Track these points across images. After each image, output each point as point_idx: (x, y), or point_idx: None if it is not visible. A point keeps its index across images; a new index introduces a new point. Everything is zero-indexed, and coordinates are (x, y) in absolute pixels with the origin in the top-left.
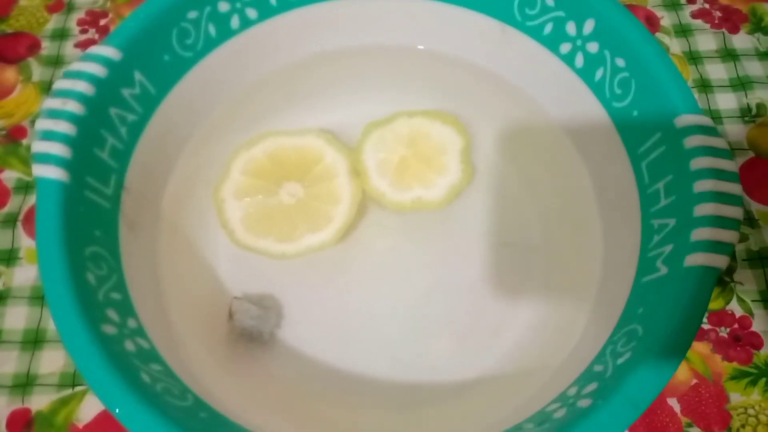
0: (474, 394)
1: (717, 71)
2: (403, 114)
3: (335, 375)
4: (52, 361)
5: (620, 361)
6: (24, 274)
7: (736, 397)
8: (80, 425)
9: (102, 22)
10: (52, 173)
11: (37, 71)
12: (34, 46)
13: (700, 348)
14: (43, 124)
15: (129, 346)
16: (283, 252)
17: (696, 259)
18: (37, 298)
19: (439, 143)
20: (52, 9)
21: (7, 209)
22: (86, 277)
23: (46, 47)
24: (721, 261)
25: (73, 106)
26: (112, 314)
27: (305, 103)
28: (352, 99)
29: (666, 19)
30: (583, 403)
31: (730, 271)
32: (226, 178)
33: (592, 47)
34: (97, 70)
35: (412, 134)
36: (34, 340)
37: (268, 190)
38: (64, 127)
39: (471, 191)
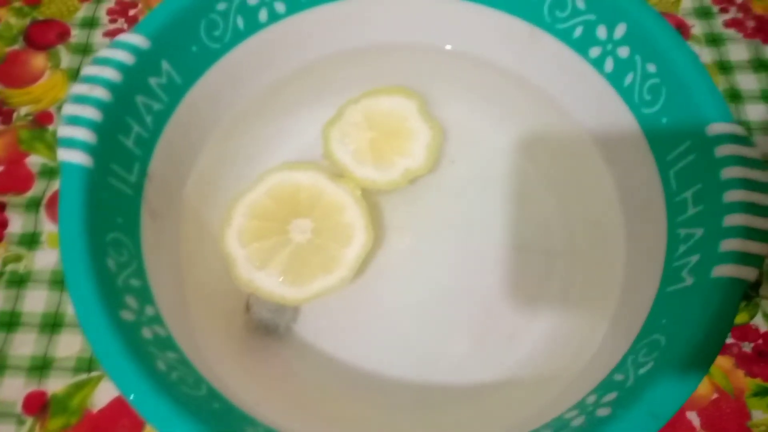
0: (490, 398)
1: (748, 82)
2: (349, 103)
3: (350, 371)
4: (69, 345)
5: (642, 371)
6: (45, 259)
7: (758, 414)
8: (94, 410)
9: (131, 12)
10: (77, 158)
11: (66, 58)
12: (63, 34)
13: (722, 362)
14: (69, 109)
15: (146, 333)
16: (341, 278)
17: (724, 271)
18: (57, 282)
19: (395, 113)
20: None
21: (31, 193)
22: (106, 262)
23: (76, 35)
24: (749, 273)
25: (100, 93)
26: (130, 301)
27: (329, 100)
28: None
29: (697, 27)
30: (602, 411)
31: (755, 285)
32: (235, 261)
33: (623, 52)
34: (125, 57)
35: (367, 117)
36: (52, 324)
37: (279, 242)
38: (91, 113)
39: (494, 194)
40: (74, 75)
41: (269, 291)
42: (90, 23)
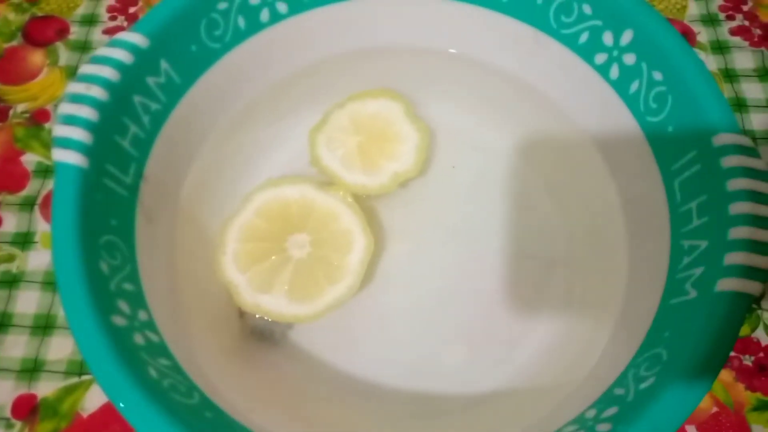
0: (486, 408)
1: (754, 90)
2: (334, 108)
3: (346, 379)
4: (60, 348)
5: (643, 386)
6: (38, 259)
7: (758, 429)
8: (85, 414)
9: (131, 9)
10: (72, 158)
11: (64, 56)
12: (62, 31)
13: (722, 375)
14: (65, 109)
15: (138, 339)
16: (348, 287)
17: (728, 284)
18: (50, 283)
19: (381, 117)
20: None
21: (25, 192)
22: (99, 265)
23: (75, 32)
24: (754, 288)
25: (97, 92)
26: (123, 305)
27: (329, 103)
28: None
29: (703, 34)
30: (603, 427)
31: (757, 298)
32: (237, 287)
33: (629, 59)
34: (123, 56)
35: (353, 121)
36: (44, 326)
37: (279, 261)
38: (87, 113)
39: (495, 199)
40: (72, 72)
41: (278, 313)
42: (89, 20)
